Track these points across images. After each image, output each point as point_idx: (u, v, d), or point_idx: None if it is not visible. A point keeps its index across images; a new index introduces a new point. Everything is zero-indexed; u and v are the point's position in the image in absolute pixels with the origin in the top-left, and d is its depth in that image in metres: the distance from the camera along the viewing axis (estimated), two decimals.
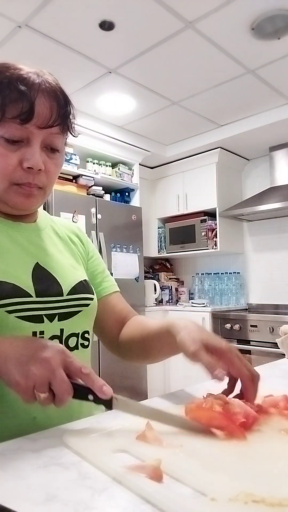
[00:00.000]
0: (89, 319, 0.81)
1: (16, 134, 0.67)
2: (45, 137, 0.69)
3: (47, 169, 0.71)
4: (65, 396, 0.54)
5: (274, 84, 2.76)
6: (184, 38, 2.24)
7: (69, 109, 0.72)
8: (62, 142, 0.74)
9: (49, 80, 0.70)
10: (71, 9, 1.99)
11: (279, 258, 3.68)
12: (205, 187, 3.72)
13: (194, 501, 0.40)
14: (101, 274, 0.92)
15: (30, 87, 0.66)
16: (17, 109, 0.65)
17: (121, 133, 3.50)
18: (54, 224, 0.88)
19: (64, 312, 0.75)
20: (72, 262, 0.84)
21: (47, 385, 0.54)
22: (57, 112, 0.69)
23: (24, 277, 0.71)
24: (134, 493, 0.41)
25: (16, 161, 0.68)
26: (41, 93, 0.67)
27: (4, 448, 0.53)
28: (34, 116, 0.66)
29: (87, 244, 0.94)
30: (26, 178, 0.69)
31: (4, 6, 1.97)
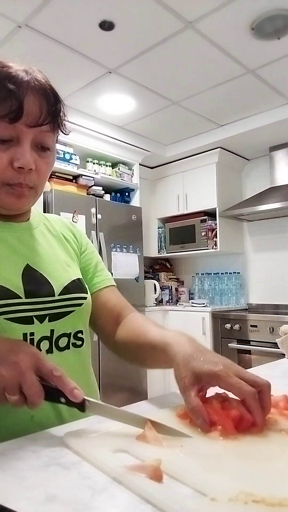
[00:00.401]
0: (82, 319, 0.80)
1: (5, 133, 0.66)
2: (35, 135, 0.68)
3: (38, 168, 0.70)
4: (36, 399, 0.54)
5: (274, 84, 2.76)
6: (184, 38, 2.24)
7: (59, 107, 0.71)
8: (53, 140, 0.73)
9: (38, 77, 0.68)
10: (71, 9, 1.99)
11: (279, 258, 3.68)
12: (205, 187, 3.72)
13: (194, 501, 0.40)
14: (92, 269, 0.90)
15: (18, 85, 0.65)
16: (5, 108, 0.64)
17: (121, 133, 3.50)
18: (47, 221, 0.87)
19: (55, 312, 0.74)
20: (66, 260, 0.83)
21: (17, 387, 0.53)
22: (46, 110, 0.68)
23: (13, 279, 0.71)
24: (134, 493, 0.41)
25: (6, 161, 0.67)
26: (30, 91, 0.66)
27: (4, 448, 0.53)
28: (23, 114, 0.65)
29: (80, 238, 0.92)
30: (17, 178, 0.68)
31: (4, 6, 1.97)
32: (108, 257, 3.12)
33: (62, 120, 0.72)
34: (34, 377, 0.54)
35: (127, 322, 0.86)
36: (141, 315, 0.88)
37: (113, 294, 0.90)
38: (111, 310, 0.88)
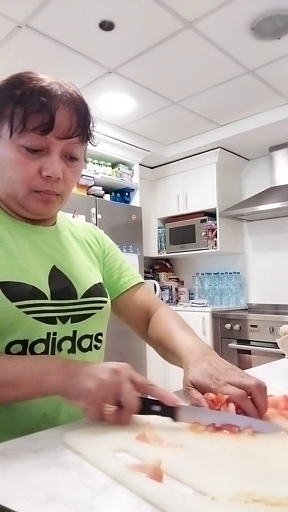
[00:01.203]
0: (102, 322, 0.83)
1: (36, 143, 0.69)
2: (64, 146, 0.71)
3: (65, 177, 0.73)
4: (133, 408, 0.56)
5: (274, 84, 2.76)
6: (184, 38, 2.24)
7: (89, 120, 0.74)
8: (81, 151, 0.76)
9: (70, 91, 0.71)
10: (71, 9, 1.99)
11: (279, 258, 3.68)
12: (205, 187, 3.72)
13: (194, 500, 0.40)
14: (118, 270, 0.94)
15: (51, 99, 0.68)
16: (38, 120, 0.67)
17: (121, 133, 3.50)
18: (72, 227, 0.91)
19: (77, 314, 0.77)
20: (89, 264, 0.86)
21: (115, 397, 0.56)
22: (76, 123, 0.71)
23: (42, 280, 0.73)
24: (134, 493, 0.41)
25: (35, 169, 0.70)
26: (61, 105, 0.69)
27: (4, 448, 0.53)
28: (54, 127, 0.68)
29: (103, 242, 0.96)
30: (45, 185, 0.71)
31: (4, 6, 1.97)
32: None
33: (91, 132, 0.76)
34: (132, 386, 0.57)
35: (154, 321, 0.90)
36: (167, 311, 0.92)
37: (141, 292, 0.94)
38: (140, 307, 0.92)
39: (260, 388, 0.62)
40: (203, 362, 0.69)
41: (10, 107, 0.68)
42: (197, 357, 0.71)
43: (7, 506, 0.38)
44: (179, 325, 0.85)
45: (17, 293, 0.68)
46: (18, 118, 0.68)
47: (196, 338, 0.80)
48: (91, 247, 0.91)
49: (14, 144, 0.69)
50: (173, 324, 0.85)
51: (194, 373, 0.67)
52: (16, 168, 0.70)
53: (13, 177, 0.71)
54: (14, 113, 0.68)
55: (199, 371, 0.67)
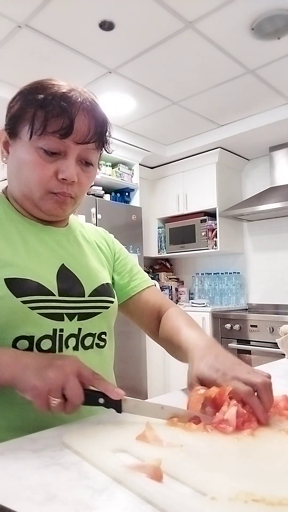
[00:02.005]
0: (107, 321, 0.84)
1: (54, 146, 0.72)
2: (81, 151, 0.74)
3: (80, 181, 0.76)
4: (76, 401, 0.58)
5: (274, 84, 2.76)
6: (184, 38, 2.24)
7: (106, 128, 0.77)
8: (96, 157, 0.79)
9: (89, 99, 0.75)
10: (71, 9, 1.99)
11: (279, 258, 3.68)
12: (205, 187, 3.72)
13: (194, 500, 0.40)
14: (128, 274, 0.96)
15: (72, 105, 0.71)
16: (58, 124, 0.70)
17: (121, 133, 3.50)
18: (83, 229, 0.93)
19: (84, 312, 0.78)
20: (97, 265, 0.88)
21: (61, 390, 0.57)
22: (94, 129, 0.74)
23: (49, 277, 0.75)
24: (134, 493, 0.41)
25: (52, 171, 0.73)
26: (81, 111, 0.72)
27: (4, 448, 0.53)
28: (73, 132, 0.71)
29: (113, 245, 0.98)
30: (61, 188, 0.74)
31: (4, 6, 1.97)
32: None
33: (107, 139, 0.79)
34: (77, 381, 0.58)
35: (165, 320, 0.92)
36: (176, 311, 0.93)
37: (152, 293, 0.97)
38: (152, 308, 0.95)
39: (266, 386, 0.63)
40: (208, 356, 0.70)
41: (31, 110, 0.71)
42: (202, 350, 0.72)
43: (7, 506, 0.38)
44: (186, 322, 0.87)
45: (22, 289, 0.70)
46: (39, 121, 0.71)
47: (202, 333, 0.82)
48: (101, 250, 0.93)
49: (33, 146, 0.72)
50: (181, 322, 0.87)
51: (200, 368, 0.68)
52: (34, 169, 0.73)
53: (30, 178, 0.74)
54: (35, 116, 0.71)
55: (205, 365, 0.68)
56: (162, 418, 0.61)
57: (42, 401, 0.57)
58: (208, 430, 0.57)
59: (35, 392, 0.57)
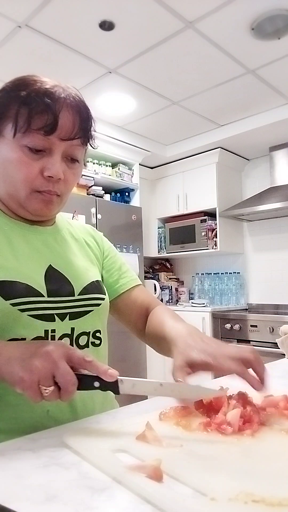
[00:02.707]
0: (100, 319, 0.83)
1: (39, 144, 0.70)
2: (66, 148, 0.73)
3: (66, 178, 0.75)
4: (70, 387, 0.55)
5: (274, 84, 2.76)
6: (184, 38, 2.24)
7: (91, 123, 0.76)
8: (82, 153, 0.78)
9: (73, 94, 0.73)
10: (71, 9, 1.99)
11: (279, 258, 3.68)
12: (205, 187, 3.72)
13: (194, 501, 0.40)
14: (117, 272, 0.95)
15: (55, 101, 0.70)
16: (42, 121, 0.69)
17: (121, 133, 3.50)
18: (71, 227, 0.92)
19: (75, 311, 0.77)
20: (86, 264, 0.87)
21: (51, 378, 0.54)
22: (79, 125, 0.73)
23: (37, 278, 0.74)
24: (134, 493, 0.41)
25: (37, 169, 0.72)
26: (65, 107, 0.71)
27: (4, 448, 0.53)
28: (57, 128, 0.70)
29: (102, 243, 0.97)
30: (46, 186, 0.73)
31: (4, 6, 1.97)
32: None
33: (92, 135, 0.78)
34: (67, 365, 0.55)
35: (151, 316, 0.92)
36: (163, 308, 0.93)
37: (140, 292, 0.96)
38: (139, 307, 0.94)
39: (258, 358, 0.66)
40: (194, 341, 0.69)
41: (14, 107, 0.70)
42: (186, 336, 0.72)
43: (7, 506, 0.38)
44: (170, 316, 0.86)
45: (11, 292, 0.69)
46: (23, 118, 0.69)
47: (186, 324, 0.80)
48: (90, 247, 0.92)
49: (17, 144, 0.71)
50: (165, 316, 0.86)
51: (188, 352, 0.67)
52: (19, 167, 0.72)
53: (15, 177, 0.73)
54: (18, 113, 0.70)
55: (193, 350, 0.67)
56: (161, 395, 0.60)
57: (33, 392, 0.54)
58: (208, 430, 0.57)
59: (24, 384, 0.54)
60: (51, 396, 0.54)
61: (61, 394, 0.55)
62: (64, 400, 0.56)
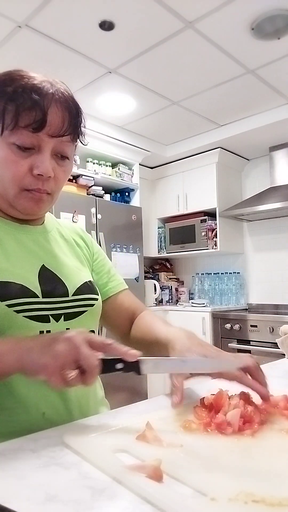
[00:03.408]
0: (94, 319, 0.83)
1: (27, 141, 0.68)
2: (55, 145, 0.71)
3: (56, 176, 0.73)
4: (94, 370, 0.55)
5: (274, 84, 2.76)
6: (184, 38, 2.24)
7: (80, 119, 0.74)
8: (72, 150, 0.76)
9: (61, 90, 0.71)
10: (71, 9, 1.99)
11: (279, 258, 3.68)
12: (205, 187, 3.72)
13: (194, 501, 0.40)
14: (107, 275, 0.95)
15: (43, 97, 0.68)
16: (30, 117, 0.67)
17: (121, 133, 3.50)
18: (60, 227, 0.90)
19: (69, 312, 0.77)
20: (77, 264, 0.86)
21: (74, 362, 0.55)
22: (68, 121, 0.71)
23: (31, 278, 0.73)
24: (134, 493, 0.41)
25: (26, 167, 0.70)
26: (54, 103, 0.69)
27: (4, 448, 0.53)
28: (46, 125, 0.68)
29: (92, 245, 0.96)
30: (36, 184, 0.71)
31: (4, 6, 1.97)
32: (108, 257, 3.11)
33: (82, 131, 0.76)
34: (89, 349, 0.56)
35: (138, 320, 0.91)
36: (150, 313, 0.93)
37: (127, 296, 0.96)
38: (126, 311, 0.94)
39: (256, 365, 0.66)
40: (194, 346, 0.69)
41: (1, 104, 0.68)
42: (184, 340, 0.71)
43: (7, 506, 0.38)
44: (159, 320, 0.86)
45: (6, 293, 0.68)
46: (10, 115, 0.67)
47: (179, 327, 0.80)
48: (80, 247, 0.92)
49: (5, 142, 0.69)
50: (155, 321, 0.86)
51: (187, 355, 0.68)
52: (7, 166, 0.70)
53: (3, 176, 0.71)
54: (5, 110, 0.67)
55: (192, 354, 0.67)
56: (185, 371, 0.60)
57: (57, 378, 0.54)
58: (208, 430, 0.57)
59: (47, 370, 0.54)
60: (74, 381, 0.54)
61: (85, 378, 0.55)
62: (87, 384, 0.56)
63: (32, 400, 0.68)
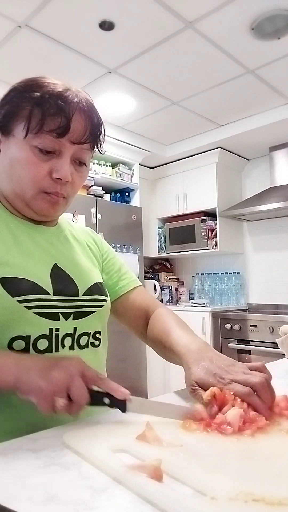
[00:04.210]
0: (101, 320, 0.84)
1: (50, 145, 0.72)
2: (75, 151, 0.74)
3: (73, 181, 0.76)
4: (82, 401, 0.57)
5: (274, 84, 2.76)
6: (184, 38, 2.24)
7: (101, 129, 0.78)
8: (89, 157, 0.79)
9: (85, 99, 0.75)
10: (71, 9, 1.99)
11: (279, 258, 3.68)
12: (205, 187, 3.72)
13: (194, 500, 0.39)
14: (117, 274, 0.96)
15: (68, 104, 0.71)
16: (55, 123, 0.70)
17: (121, 133, 3.50)
18: (72, 229, 0.93)
19: (79, 311, 0.78)
20: (88, 265, 0.88)
21: (66, 391, 0.57)
22: (90, 130, 0.74)
23: (43, 276, 0.75)
24: (134, 493, 0.41)
25: (46, 170, 0.73)
26: (78, 111, 0.72)
27: (4, 448, 0.53)
28: (69, 131, 0.71)
29: (101, 245, 0.98)
30: (54, 187, 0.74)
31: (4, 6, 1.97)
32: None
33: (102, 140, 0.79)
34: (82, 381, 0.58)
35: (153, 321, 0.92)
36: (165, 311, 0.93)
37: (140, 294, 0.97)
38: (139, 308, 0.95)
39: (264, 384, 0.63)
40: (203, 361, 0.69)
41: (27, 108, 0.71)
42: (196, 355, 0.71)
43: (7, 506, 0.38)
44: (176, 323, 0.86)
45: (18, 289, 0.69)
46: (36, 120, 0.70)
47: (193, 335, 0.81)
48: (90, 249, 0.93)
49: (28, 144, 0.72)
50: (171, 323, 0.86)
51: (197, 372, 0.67)
52: (27, 167, 0.72)
53: (23, 177, 0.73)
54: (32, 114, 0.71)
55: (202, 370, 0.67)
56: (169, 417, 0.60)
57: (47, 402, 0.56)
58: (208, 430, 0.57)
59: (41, 393, 0.56)
60: (62, 409, 0.56)
61: (71, 408, 0.57)
62: (72, 414, 0.58)
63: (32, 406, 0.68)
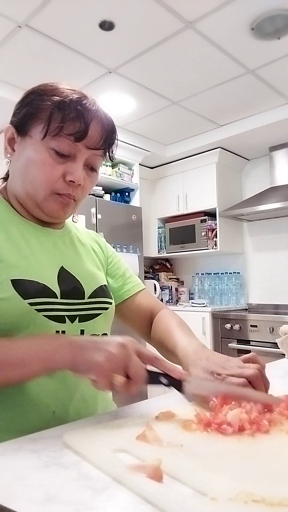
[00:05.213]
0: (107, 322, 0.85)
1: (66, 149, 0.74)
2: (89, 156, 0.77)
3: (84, 185, 0.78)
4: (140, 379, 0.58)
5: (274, 84, 2.76)
6: (184, 38, 2.24)
7: (114, 138, 0.81)
8: (100, 163, 0.82)
9: (101, 108, 0.78)
10: (71, 9, 1.99)
11: (279, 258, 3.68)
12: (205, 187, 3.72)
13: (194, 500, 0.39)
14: (121, 277, 0.97)
15: (87, 111, 0.74)
16: (74, 127, 0.73)
17: (121, 133, 3.48)
18: (77, 232, 0.94)
19: (84, 314, 0.79)
20: (93, 268, 0.89)
21: (124, 369, 0.58)
22: (105, 137, 0.77)
23: (52, 279, 0.76)
24: (134, 493, 0.41)
25: (60, 172, 0.75)
26: (95, 119, 0.75)
27: (4, 448, 0.53)
28: (87, 136, 0.74)
29: (106, 249, 0.99)
30: (67, 189, 0.76)
31: (4, 6, 1.97)
32: None
33: (114, 149, 0.83)
34: (139, 359, 0.59)
35: (156, 322, 0.94)
36: (167, 313, 0.96)
37: (144, 297, 0.99)
38: (144, 311, 0.97)
39: (258, 376, 0.67)
40: (200, 361, 0.72)
41: (47, 111, 0.73)
42: (193, 356, 0.74)
43: (7, 506, 0.38)
44: (177, 325, 0.88)
45: (29, 291, 0.70)
46: (55, 123, 0.72)
47: (190, 337, 0.83)
48: (95, 253, 0.94)
49: (45, 146, 0.74)
50: (172, 324, 0.89)
51: (196, 373, 0.70)
52: (43, 168, 0.74)
53: (37, 177, 0.75)
54: (52, 117, 0.73)
55: (200, 370, 0.70)
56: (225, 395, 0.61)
57: (106, 379, 0.57)
58: (208, 430, 0.57)
59: (100, 370, 0.57)
60: (120, 387, 0.57)
61: (130, 386, 0.58)
62: (130, 393, 0.58)
63: (43, 399, 0.69)
